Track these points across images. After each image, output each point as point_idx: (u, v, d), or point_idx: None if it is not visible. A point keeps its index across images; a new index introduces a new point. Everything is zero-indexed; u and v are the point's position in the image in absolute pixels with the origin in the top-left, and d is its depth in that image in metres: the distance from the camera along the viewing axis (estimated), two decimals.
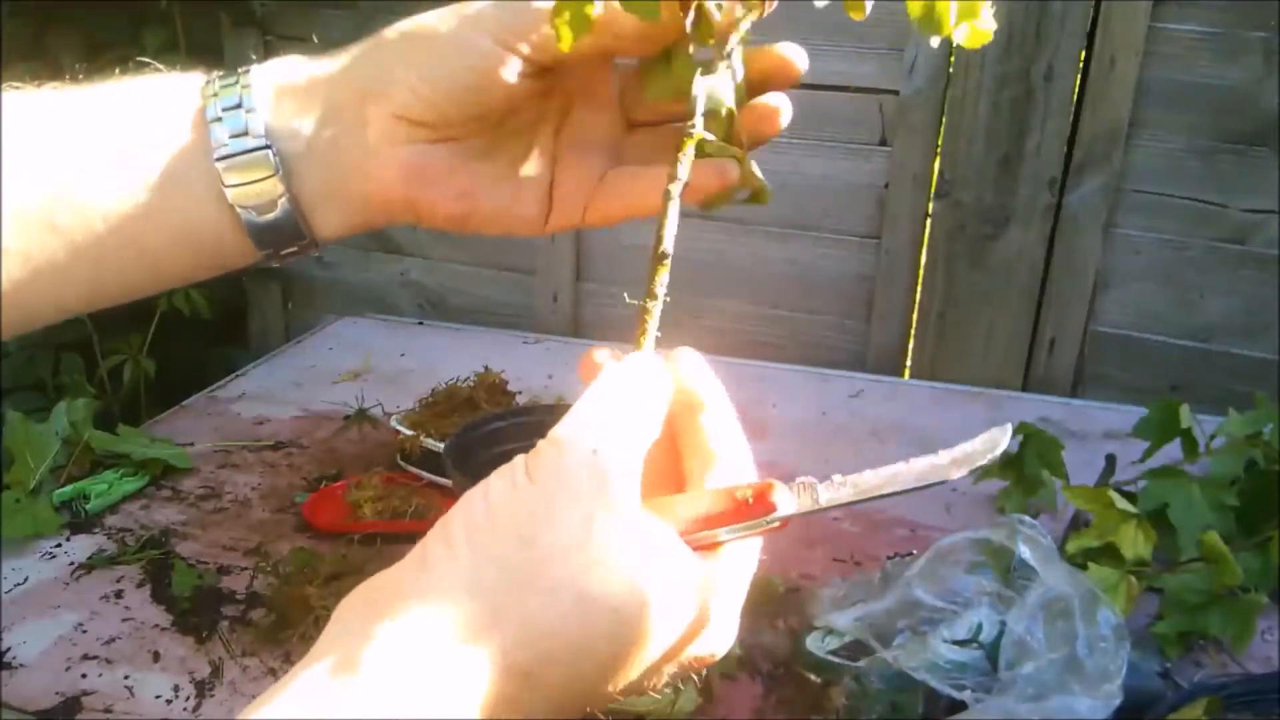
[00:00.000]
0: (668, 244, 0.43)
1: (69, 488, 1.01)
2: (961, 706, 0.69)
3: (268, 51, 1.68)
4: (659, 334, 0.44)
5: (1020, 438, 1.02)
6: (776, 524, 0.41)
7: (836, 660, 0.75)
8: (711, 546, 0.40)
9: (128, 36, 1.58)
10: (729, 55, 0.45)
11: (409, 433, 1.03)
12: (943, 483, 0.42)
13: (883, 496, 0.42)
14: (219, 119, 0.43)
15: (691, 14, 0.43)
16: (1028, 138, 1.38)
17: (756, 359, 1.48)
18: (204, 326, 1.72)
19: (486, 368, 1.12)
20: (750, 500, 0.41)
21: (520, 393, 1.15)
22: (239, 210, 0.44)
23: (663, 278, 0.43)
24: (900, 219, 1.48)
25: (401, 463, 1.05)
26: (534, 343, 1.50)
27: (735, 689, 0.79)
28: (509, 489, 0.37)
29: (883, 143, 1.46)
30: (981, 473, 1.04)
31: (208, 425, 1.22)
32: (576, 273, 1.63)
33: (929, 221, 1.47)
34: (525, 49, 0.42)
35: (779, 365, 1.46)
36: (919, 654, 0.71)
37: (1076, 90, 1.36)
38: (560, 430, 0.38)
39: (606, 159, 0.48)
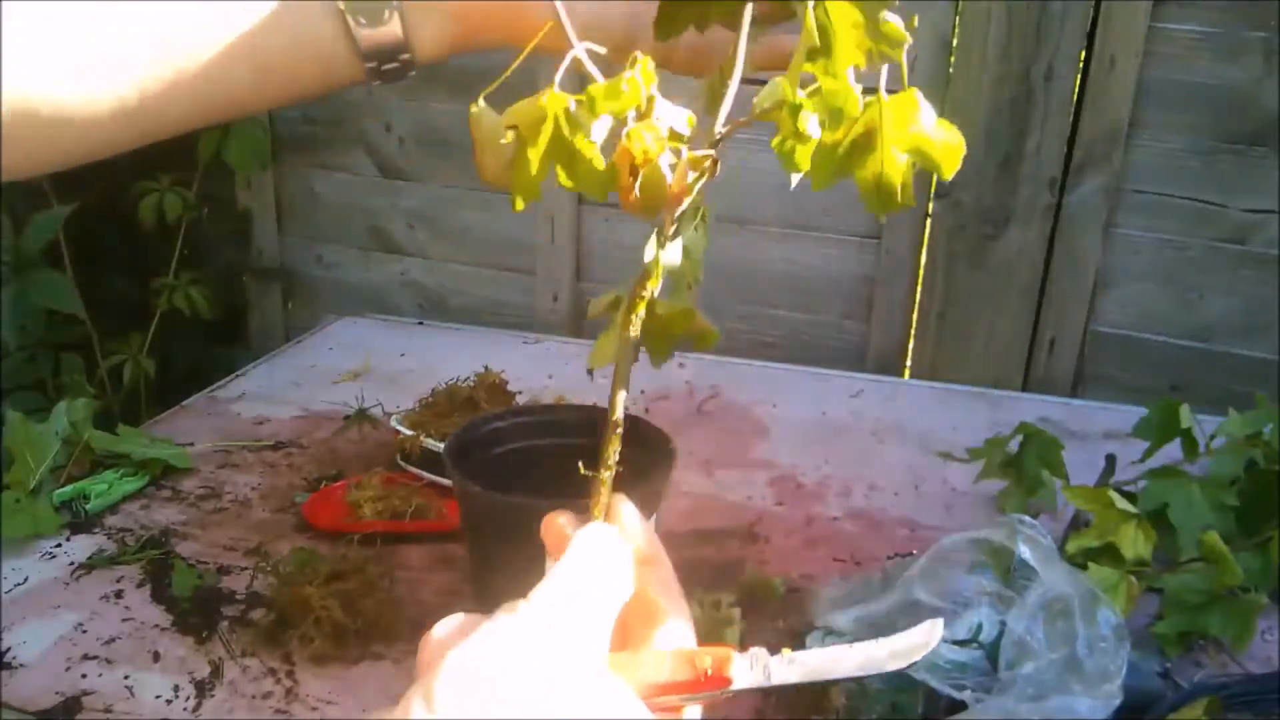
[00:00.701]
0: (619, 413, 0.44)
1: (69, 488, 1.01)
2: (961, 706, 0.69)
3: None
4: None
5: (1020, 438, 1.02)
6: (729, 694, 0.42)
7: None
8: (673, 710, 0.42)
9: None
10: (678, 220, 0.45)
11: (409, 433, 1.03)
12: (880, 673, 0.44)
13: (827, 681, 0.46)
14: None
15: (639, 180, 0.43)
16: (1028, 138, 1.38)
17: (756, 359, 1.48)
18: (204, 326, 1.73)
19: (486, 368, 1.12)
20: (709, 672, 0.43)
21: (520, 393, 1.15)
22: (349, 19, 0.47)
23: (615, 446, 0.44)
24: (900, 219, 1.48)
25: (401, 463, 1.05)
26: (534, 343, 1.50)
27: None
28: (486, 644, 0.37)
29: None
30: (982, 472, 1.04)
31: (208, 425, 1.22)
32: (576, 273, 1.63)
33: (929, 221, 1.47)
34: None
35: (779, 365, 1.46)
36: None
37: (1076, 90, 1.36)
38: (536, 596, 0.39)
39: None
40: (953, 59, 1.40)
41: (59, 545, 0.97)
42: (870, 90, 0.44)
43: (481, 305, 1.69)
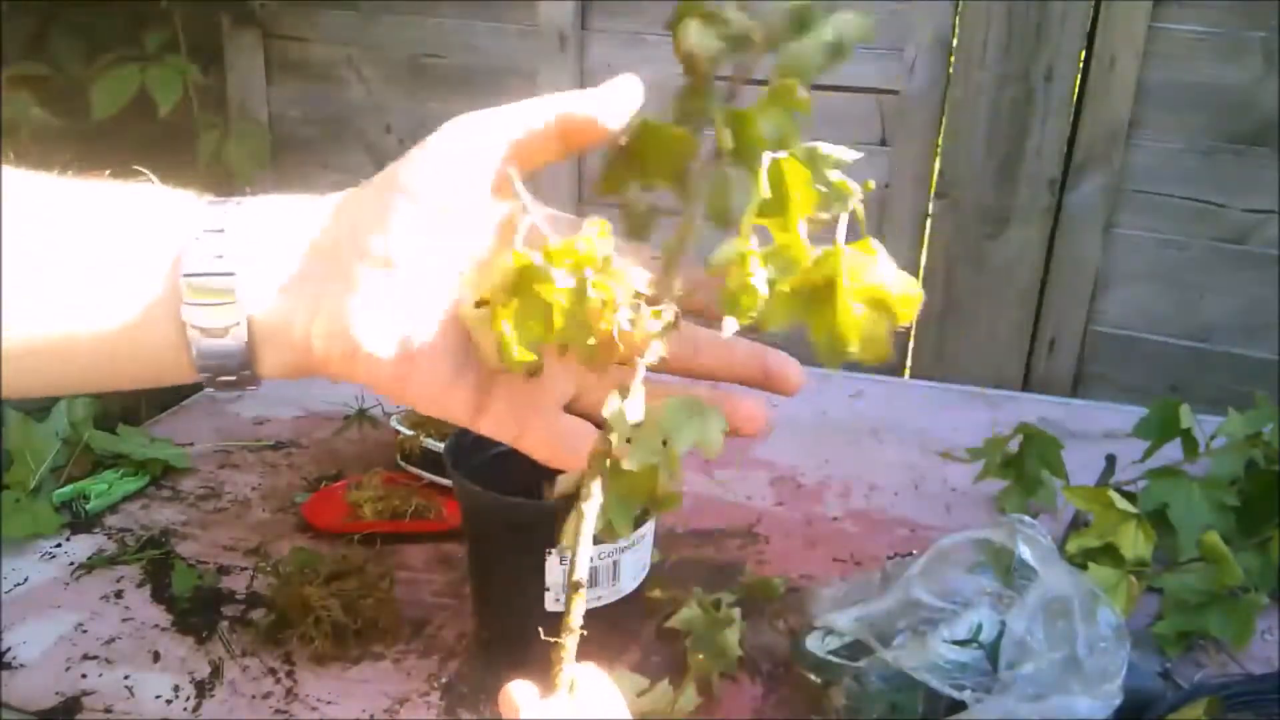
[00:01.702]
0: (581, 573, 0.44)
1: (69, 488, 1.01)
2: (961, 706, 0.69)
3: (268, 51, 1.68)
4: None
5: (1020, 438, 1.02)
6: None
7: (836, 660, 0.75)
8: None
9: (128, 36, 1.58)
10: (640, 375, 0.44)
11: (409, 433, 1.03)
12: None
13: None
14: (198, 239, 0.43)
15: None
16: (1028, 138, 1.38)
17: None
18: None
19: None
20: None
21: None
22: (190, 329, 0.44)
23: (578, 608, 0.43)
24: (900, 219, 1.48)
25: (401, 463, 1.05)
26: None
27: (735, 689, 0.79)
28: None
29: (883, 143, 1.46)
30: (982, 472, 1.04)
31: (208, 425, 1.22)
32: None
33: (929, 221, 1.47)
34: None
35: None
36: (919, 654, 0.71)
37: (1076, 90, 1.36)
38: None
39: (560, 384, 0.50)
40: (953, 59, 1.40)
41: (59, 545, 0.97)
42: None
43: None
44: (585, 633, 0.43)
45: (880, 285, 0.44)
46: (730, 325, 0.44)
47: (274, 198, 0.46)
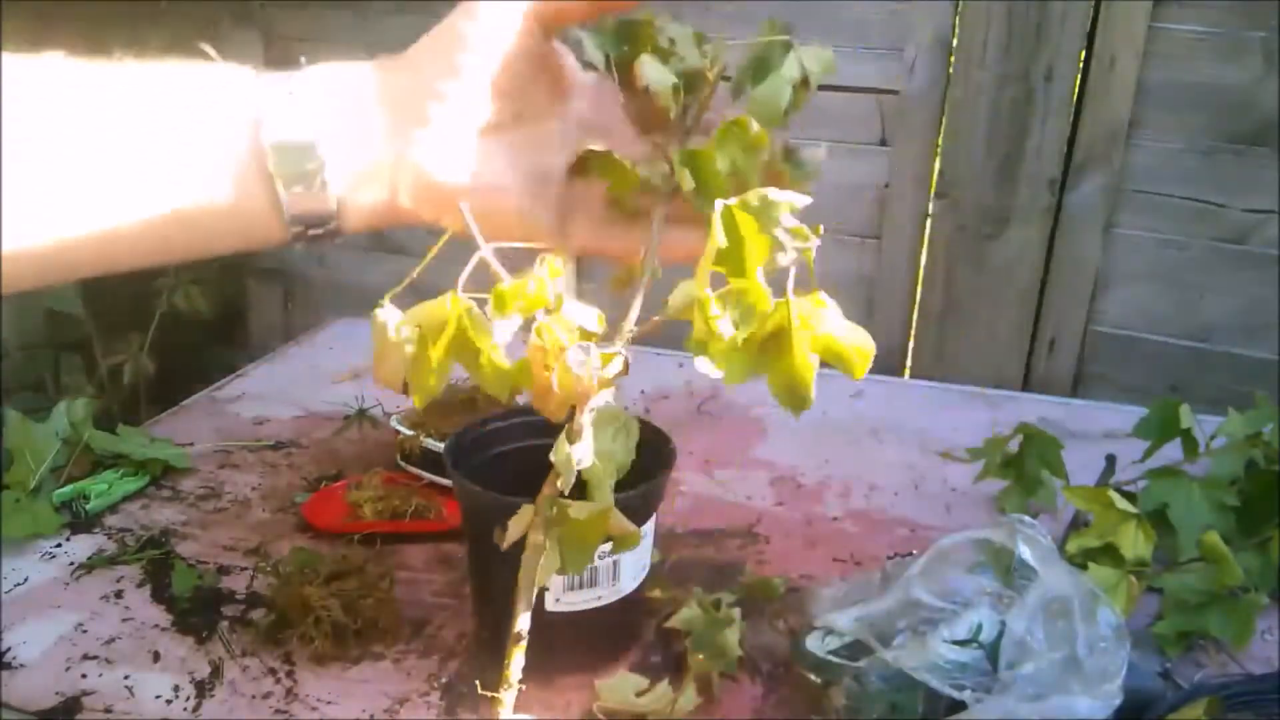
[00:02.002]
0: (522, 625, 0.44)
1: (69, 488, 1.01)
2: (961, 706, 0.69)
3: (268, 51, 1.68)
4: None
5: (1020, 438, 1.02)
6: None
7: (836, 660, 0.75)
8: None
9: (128, 36, 1.58)
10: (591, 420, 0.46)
11: (409, 433, 1.03)
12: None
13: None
14: (274, 107, 0.47)
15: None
16: (1028, 138, 1.39)
17: None
18: (204, 326, 1.73)
19: None
20: None
21: (521, 392, 1.15)
22: (281, 192, 0.47)
23: (517, 661, 0.43)
24: (900, 219, 1.48)
25: (401, 463, 1.05)
26: None
27: (735, 689, 0.79)
28: None
29: (883, 143, 1.46)
30: (982, 472, 1.04)
31: (208, 425, 1.22)
32: (576, 272, 1.63)
33: (929, 221, 1.47)
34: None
35: None
36: (919, 654, 0.71)
37: (1076, 90, 1.36)
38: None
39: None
40: (953, 59, 1.40)
41: (59, 545, 0.97)
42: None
43: None
44: (524, 688, 0.42)
45: (832, 336, 0.44)
46: (704, 366, 0.45)
47: (335, 65, 0.49)
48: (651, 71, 0.49)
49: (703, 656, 0.78)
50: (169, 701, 0.77)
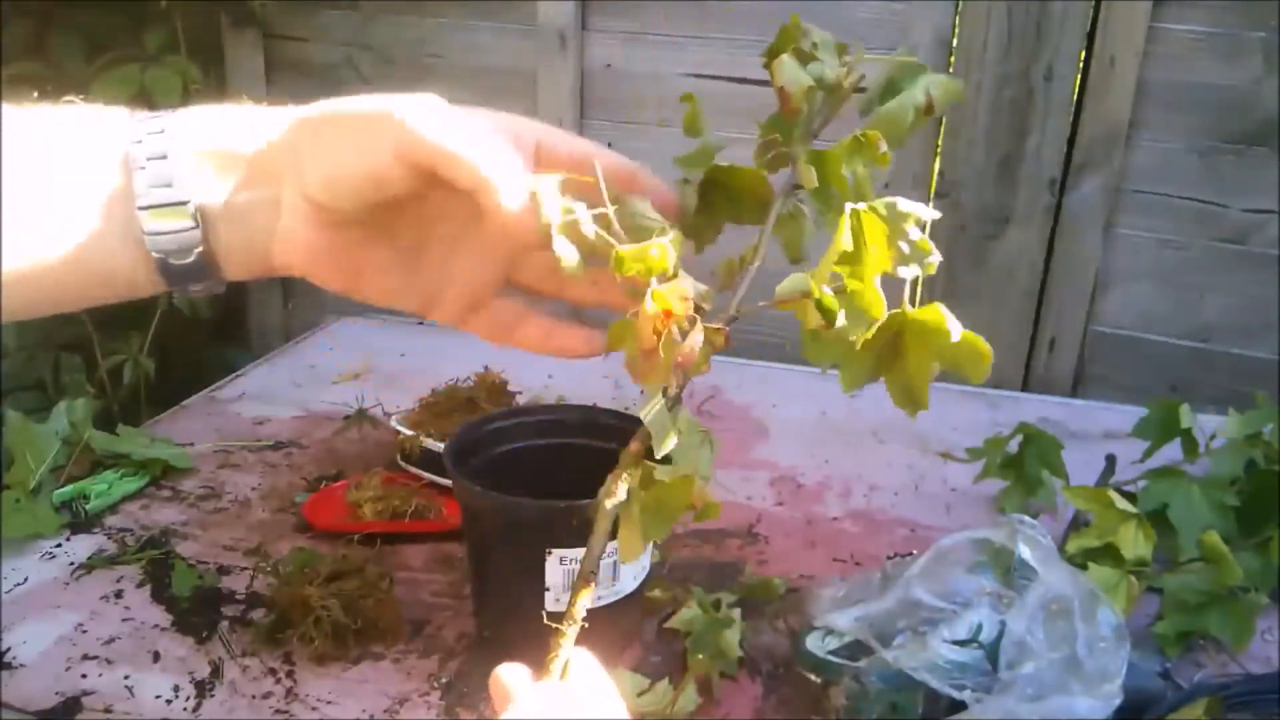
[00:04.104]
0: (593, 565, 0.44)
1: (69, 488, 1.01)
2: (961, 706, 0.69)
3: (268, 51, 1.68)
4: None
5: (1020, 438, 1.02)
6: None
7: (836, 660, 0.75)
8: None
9: (128, 36, 1.58)
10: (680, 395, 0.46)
11: (409, 433, 1.03)
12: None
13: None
14: (143, 167, 0.45)
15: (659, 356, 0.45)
16: (1028, 138, 1.38)
17: (756, 359, 1.48)
18: (204, 326, 1.72)
19: (486, 368, 1.12)
20: None
21: (520, 392, 1.15)
22: (155, 255, 0.46)
23: (584, 600, 0.44)
24: None
25: (401, 463, 1.05)
26: None
27: (735, 689, 0.79)
28: None
29: None
30: (982, 472, 1.04)
31: (208, 425, 1.22)
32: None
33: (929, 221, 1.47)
34: (416, 164, 0.45)
35: (779, 365, 1.46)
36: (919, 654, 0.71)
37: (1076, 90, 1.36)
38: None
39: (498, 269, 0.53)
40: (953, 59, 1.40)
41: (59, 545, 0.97)
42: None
43: None
44: (587, 625, 0.43)
45: (951, 346, 0.45)
46: (820, 363, 0.47)
47: (207, 110, 0.48)
48: (788, 71, 0.49)
49: (703, 656, 0.78)
50: (169, 701, 0.77)
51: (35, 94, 0.48)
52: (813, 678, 0.76)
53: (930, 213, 0.45)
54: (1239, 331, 1.38)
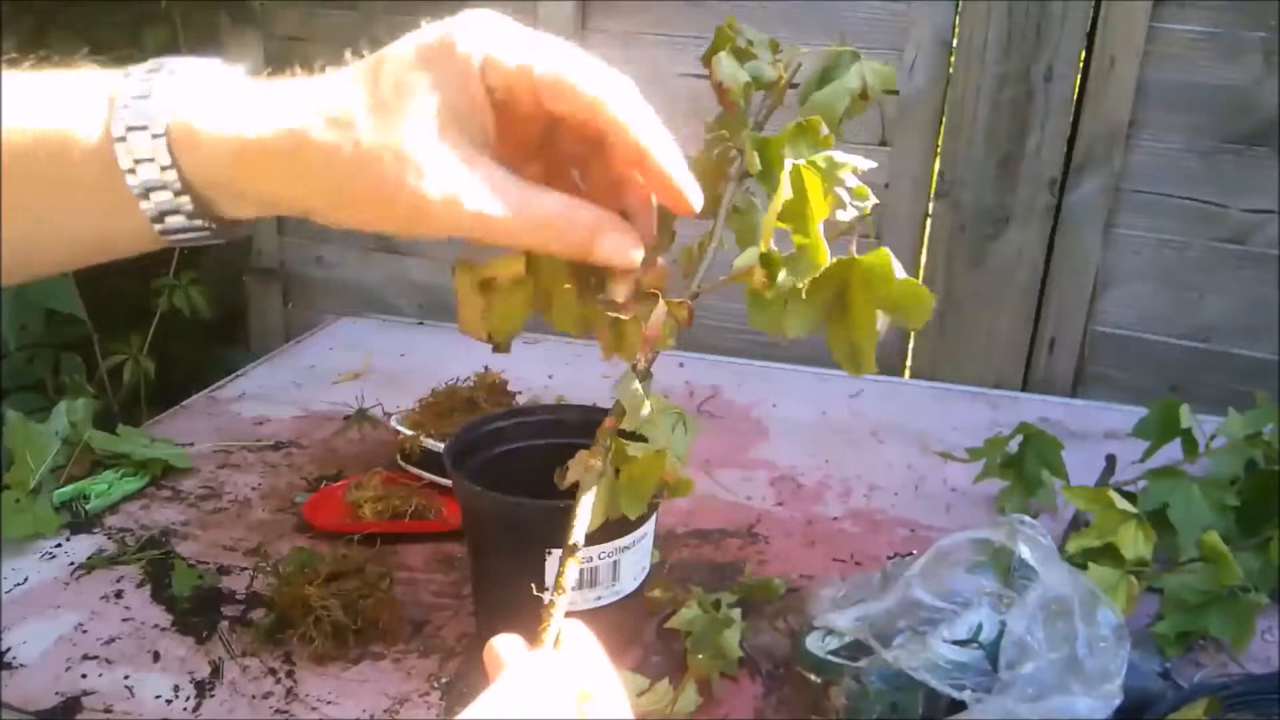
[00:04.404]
0: (578, 537, 0.45)
1: (69, 488, 1.01)
2: (961, 706, 0.69)
3: (268, 51, 1.68)
4: None
5: (1020, 438, 1.02)
6: None
7: (836, 660, 0.75)
8: None
9: (128, 36, 1.58)
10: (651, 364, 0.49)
11: (409, 433, 1.03)
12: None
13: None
14: (123, 139, 0.43)
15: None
16: (1028, 138, 1.38)
17: (756, 359, 1.48)
18: (204, 326, 1.72)
19: (486, 368, 1.12)
20: None
21: (520, 393, 1.15)
22: (142, 201, 0.45)
23: (571, 571, 0.44)
24: (900, 219, 1.48)
25: (401, 463, 1.05)
26: (534, 343, 1.50)
27: (735, 689, 0.79)
28: None
29: (883, 143, 1.46)
30: (982, 472, 1.04)
31: (208, 425, 1.22)
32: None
33: (929, 221, 1.47)
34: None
35: (779, 365, 1.46)
36: (919, 654, 0.71)
37: (1076, 90, 1.36)
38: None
39: None
40: (953, 59, 1.40)
41: (59, 545, 0.97)
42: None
43: None
44: (573, 591, 0.45)
45: (891, 289, 0.46)
46: (760, 323, 0.48)
47: (204, 60, 0.46)
48: (726, 68, 0.53)
49: (703, 656, 0.78)
50: (169, 701, 0.77)
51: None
52: (813, 678, 0.76)
53: (866, 163, 0.46)
54: (1239, 331, 1.38)
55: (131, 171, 0.44)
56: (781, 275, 0.46)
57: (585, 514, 0.45)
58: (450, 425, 1.01)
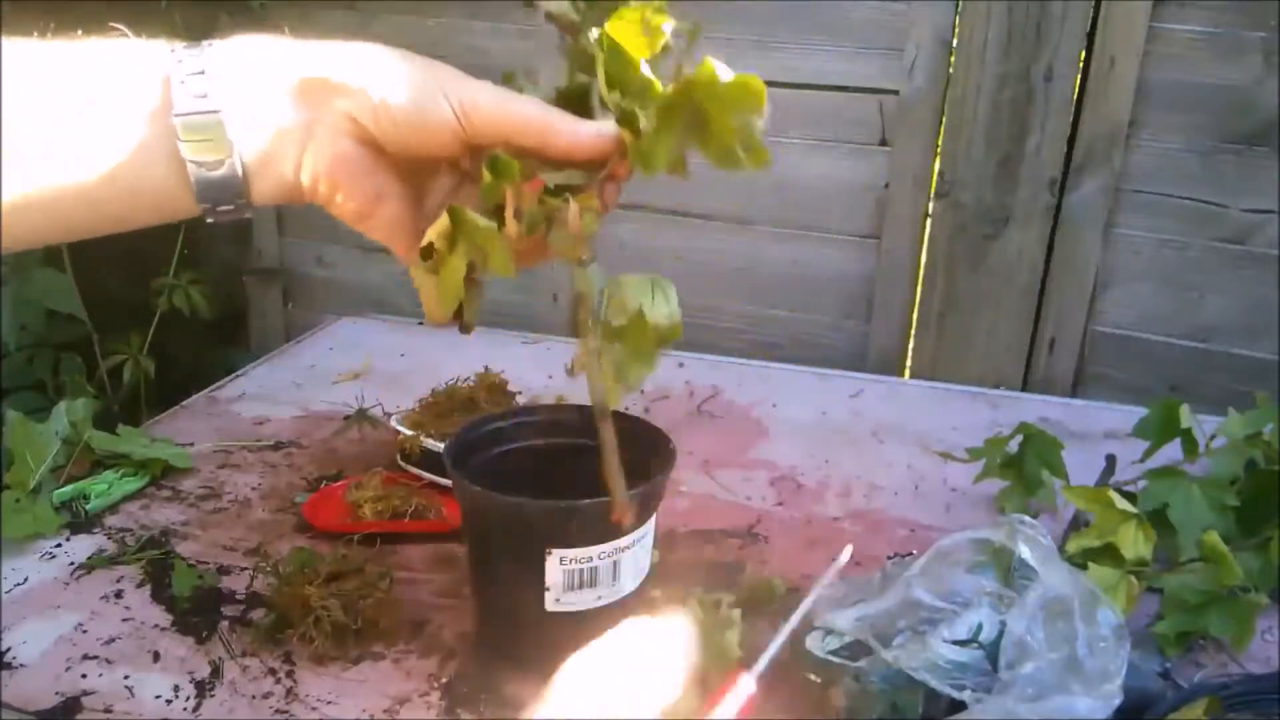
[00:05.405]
0: (611, 402, 0.57)
1: (69, 488, 1.01)
2: (961, 706, 0.69)
3: None
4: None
5: (1020, 438, 1.02)
6: None
7: (836, 660, 0.75)
8: None
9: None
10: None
11: (409, 433, 1.03)
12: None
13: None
14: (183, 82, 0.49)
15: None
16: (1028, 138, 1.38)
17: (756, 359, 1.48)
18: (204, 326, 1.72)
19: (486, 368, 1.12)
20: None
21: (520, 393, 1.15)
22: (189, 164, 0.49)
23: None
24: (900, 219, 1.48)
25: (401, 463, 1.05)
26: (534, 343, 1.50)
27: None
28: None
29: (883, 143, 1.46)
30: (982, 472, 1.04)
31: (208, 425, 1.22)
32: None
33: (929, 221, 1.47)
34: (467, 129, 0.51)
35: (779, 365, 1.46)
36: (919, 654, 0.71)
37: (1076, 90, 1.36)
38: None
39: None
40: (953, 59, 1.40)
41: (59, 545, 0.97)
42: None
43: (481, 305, 1.69)
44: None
45: (727, 89, 0.50)
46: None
47: (251, 38, 0.54)
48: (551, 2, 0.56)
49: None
50: (169, 701, 0.77)
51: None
52: (813, 678, 0.76)
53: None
54: (1239, 331, 1.38)
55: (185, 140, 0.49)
56: (641, 121, 0.51)
57: (599, 386, 0.53)
58: (450, 425, 1.01)
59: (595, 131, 0.53)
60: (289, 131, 0.51)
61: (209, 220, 0.52)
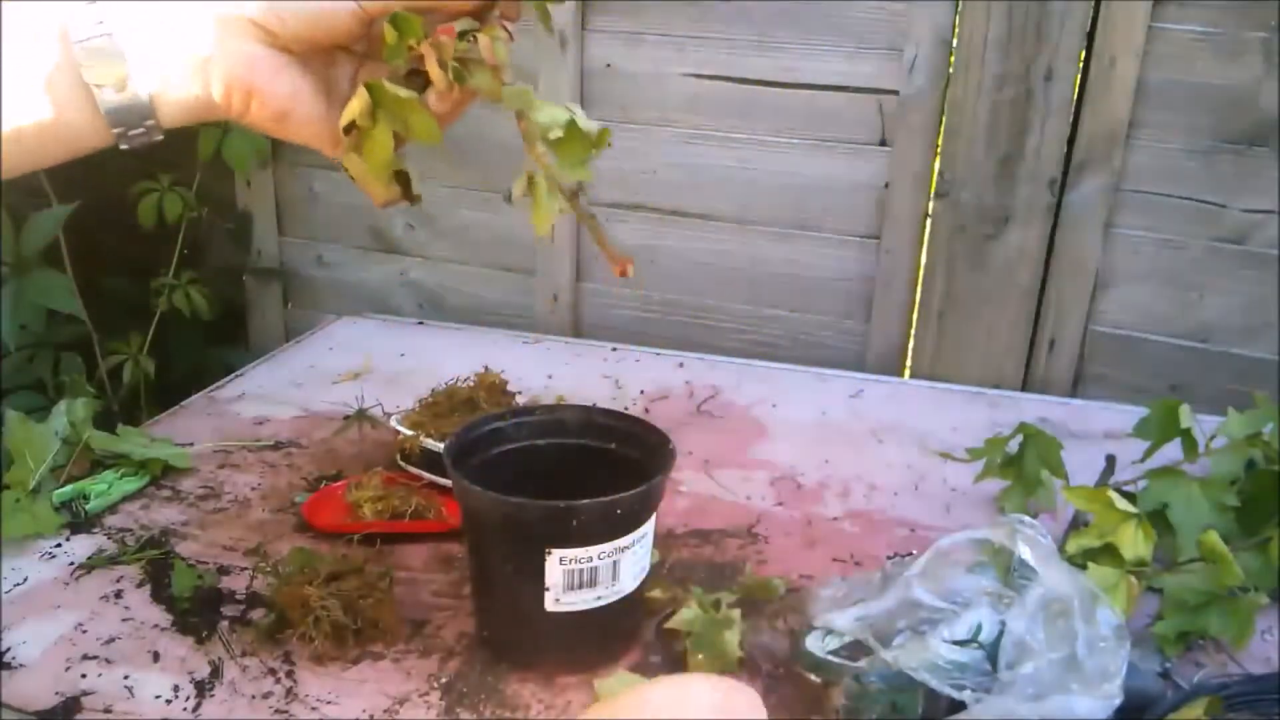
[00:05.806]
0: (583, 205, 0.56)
1: (69, 488, 1.01)
2: (961, 706, 0.69)
3: None
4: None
5: (1020, 438, 1.02)
6: None
7: (836, 660, 0.75)
8: None
9: None
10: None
11: (409, 433, 1.03)
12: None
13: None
14: (82, 11, 0.50)
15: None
16: (1028, 138, 1.38)
17: (756, 359, 1.48)
18: (204, 326, 1.72)
19: (486, 368, 1.12)
20: None
21: (520, 393, 1.15)
22: (94, 90, 0.50)
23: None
24: (900, 219, 1.48)
25: (401, 463, 1.05)
26: (534, 343, 1.50)
27: None
28: None
29: (883, 143, 1.46)
30: (982, 472, 1.04)
31: (208, 425, 1.22)
32: (576, 273, 1.63)
33: (929, 221, 1.47)
34: (365, 5, 0.52)
35: (779, 365, 1.46)
36: (919, 654, 0.71)
37: (1076, 90, 1.36)
38: None
39: None
40: (953, 59, 1.40)
41: (59, 545, 0.97)
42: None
43: (481, 305, 1.69)
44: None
45: (397, 103, 0.53)
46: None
47: None
48: None
49: (703, 656, 0.78)
50: (169, 701, 0.77)
51: None
52: (813, 678, 0.76)
53: None
54: (1239, 331, 1.38)
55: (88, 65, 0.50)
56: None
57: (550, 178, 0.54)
58: (450, 425, 1.01)
59: None
60: (191, 48, 0.51)
61: (123, 147, 0.53)
